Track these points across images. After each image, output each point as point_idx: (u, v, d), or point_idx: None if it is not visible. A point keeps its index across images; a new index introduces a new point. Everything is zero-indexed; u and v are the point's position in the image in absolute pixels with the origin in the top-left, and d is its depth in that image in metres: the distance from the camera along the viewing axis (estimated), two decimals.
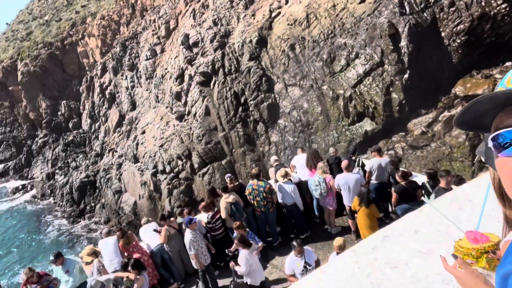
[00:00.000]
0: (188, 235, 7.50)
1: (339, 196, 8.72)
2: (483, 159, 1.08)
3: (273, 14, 23.99)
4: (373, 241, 1.82)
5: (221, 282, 8.24)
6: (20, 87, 52.25)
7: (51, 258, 7.56)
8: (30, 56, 52.93)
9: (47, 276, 7.63)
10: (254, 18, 25.14)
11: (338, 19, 21.02)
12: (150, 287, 7.48)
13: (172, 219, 8.95)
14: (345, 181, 8.20)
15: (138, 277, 6.74)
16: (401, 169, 8.49)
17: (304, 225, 9.13)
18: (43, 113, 51.79)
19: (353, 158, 9.58)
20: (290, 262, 6.45)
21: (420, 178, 8.45)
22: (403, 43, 18.25)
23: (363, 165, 9.40)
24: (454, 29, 17.85)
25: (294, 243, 6.40)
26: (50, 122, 50.79)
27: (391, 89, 18.33)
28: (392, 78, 18.29)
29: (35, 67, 51.82)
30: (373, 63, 18.85)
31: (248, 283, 6.80)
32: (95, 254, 7.61)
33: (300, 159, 9.83)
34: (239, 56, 24.13)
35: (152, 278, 8.16)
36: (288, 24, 22.82)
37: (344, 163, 8.34)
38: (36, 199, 39.09)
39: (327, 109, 20.27)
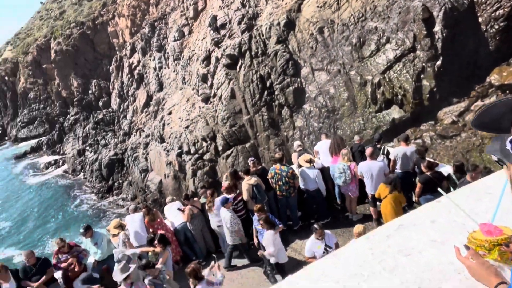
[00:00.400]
0: (226, 213, 7.75)
1: (361, 184, 8.67)
2: (494, 158, 1.10)
3: None
4: (388, 229, 1.85)
5: (240, 261, 8.47)
6: (53, 65, 54.02)
7: (81, 230, 7.95)
8: (63, 35, 54.39)
9: (77, 247, 8.06)
10: (282, 0, 24.72)
11: (369, 2, 20.37)
12: (173, 263, 7.79)
13: (195, 199, 9.19)
14: (368, 168, 8.13)
15: (163, 251, 7.03)
16: (427, 159, 8.32)
17: (326, 211, 9.16)
18: (74, 91, 53.51)
19: (378, 146, 9.44)
20: (311, 244, 6.55)
21: (446, 169, 8.25)
22: (437, 28, 17.53)
23: (388, 154, 9.26)
24: (493, 14, 16.95)
25: (316, 225, 6.48)
26: (81, 100, 52.45)
27: (422, 76, 17.75)
28: (423, 64, 17.68)
29: (67, 46, 53.29)
30: (405, 48, 18.26)
31: (274, 262, 7.00)
32: (121, 227, 7.95)
33: (324, 145, 9.78)
34: (266, 39, 23.91)
35: (175, 254, 8.48)
36: (318, 7, 22.32)
37: (369, 150, 8.25)
38: (67, 174, 40.85)
39: (354, 95, 19.91)
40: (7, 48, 64.59)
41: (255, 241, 7.65)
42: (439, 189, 1.86)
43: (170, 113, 31.30)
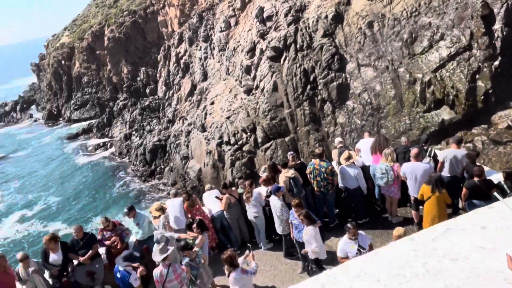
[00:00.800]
0: (277, 201, 7.86)
1: (403, 185, 8.38)
2: None
3: None
4: (434, 232, 1.79)
5: (274, 254, 8.53)
6: (106, 51, 56.64)
7: (125, 210, 8.35)
8: (116, 22, 56.76)
9: (120, 226, 8.47)
10: None
11: None
12: (209, 249, 8.01)
13: (233, 188, 9.33)
14: (412, 170, 7.83)
15: (200, 236, 7.25)
16: (478, 164, 7.87)
17: (364, 210, 8.97)
18: (124, 77, 55.87)
19: (425, 147, 9.05)
20: (343, 244, 6.44)
21: (497, 176, 7.77)
22: (497, 25, 16.39)
23: (435, 156, 8.85)
24: None
25: (349, 225, 6.36)
26: (130, 87, 54.70)
27: (477, 76, 16.73)
28: (480, 64, 16.64)
29: (120, 33, 55.58)
30: (460, 46, 17.27)
31: (314, 258, 6.98)
32: (162, 210, 8.27)
33: (366, 143, 9.54)
34: (312, 32, 23.56)
35: (211, 241, 8.69)
36: (368, 0, 21.61)
37: (414, 151, 7.93)
38: (114, 157, 42.93)
39: (402, 93, 19.18)
40: (65, 33, 68.46)
41: (292, 235, 7.65)
42: (495, 193, 1.76)
43: (212, 103, 31.85)
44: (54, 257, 7.49)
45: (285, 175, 8.53)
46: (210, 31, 39.23)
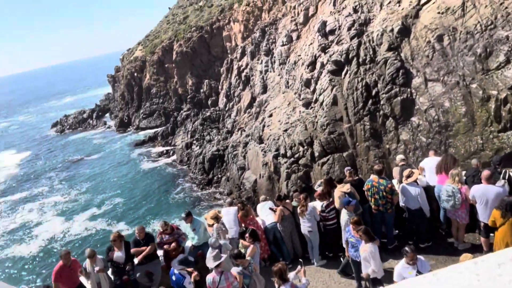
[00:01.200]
0: (345, 215, 7.79)
1: (472, 209, 7.74)
2: None
3: (422, 1, 21.91)
4: (500, 257, 1.64)
5: (327, 271, 8.30)
6: (174, 65, 60.12)
7: (183, 215, 8.70)
8: (184, 38, 60.12)
9: (177, 230, 8.82)
10: (399, 5, 23.40)
11: (501, 8, 18.04)
12: (260, 259, 8.02)
13: (287, 201, 9.31)
14: (483, 193, 7.21)
15: (252, 245, 7.31)
16: None
17: (427, 234, 8.41)
18: (189, 89, 58.75)
19: (499, 169, 8.30)
20: (401, 269, 6.06)
21: None
22: None
23: (510, 179, 8.08)
24: None
25: (407, 248, 5.99)
26: (193, 98, 57.33)
27: None
28: None
29: (187, 48, 58.75)
30: None
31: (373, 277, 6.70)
32: (217, 218, 8.48)
33: (431, 162, 9.01)
34: (376, 46, 22.94)
35: (263, 252, 8.71)
36: (439, 13, 20.58)
37: (486, 173, 7.30)
38: (175, 164, 44.97)
39: (473, 111, 17.84)
40: (138, 48, 73.92)
41: (347, 254, 7.40)
42: None
43: (271, 115, 32.19)
44: (119, 254, 8.00)
45: (340, 190, 8.32)
46: (272, 45, 39.93)
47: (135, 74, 67.29)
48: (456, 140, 18.35)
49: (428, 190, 8.39)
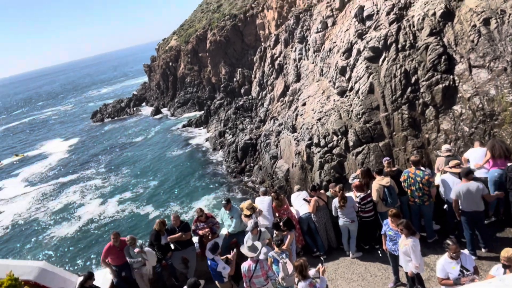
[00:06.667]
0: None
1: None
2: None
3: None
4: None
5: (362, 264, 8.15)
6: (207, 54, 60.58)
7: (223, 202, 8.81)
8: (217, 26, 60.28)
9: (212, 218, 8.94)
10: None
11: None
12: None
13: (322, 191, 9.15)
14: None
15: (289, 233, 7.30)
16: None
17: None
18: (222, 78, 59.11)
19: None
20: (444, 264, 5.79)
21: None
22: None
23: None
24: None
25: (449, 241, 5.69)
26: (226, 87, 57.66)
27: None
28: None
29: (220, 36, 58.91)
30: None
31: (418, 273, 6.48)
32: (253, 209, 8.50)
33: (477, 152, 8.54)
34: (417, 31, 21.89)
35: (297, 242, 8.66)
36: None
37: None
38: (209, 152, 45.68)
39: None
40: (173, 37, 74.99)
41: (384, 247, 7.19)
42: None
43: (304, 104, 31.76)
44: (163, 239, 8.31)
45: (379, 183, 8.07)
46: (306, 32, 39.16)
47: (170, 63, 68.48)
48: (502, 129, 17.31)
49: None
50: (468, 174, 7.32)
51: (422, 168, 8.09)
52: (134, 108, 76.24)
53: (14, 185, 47.82)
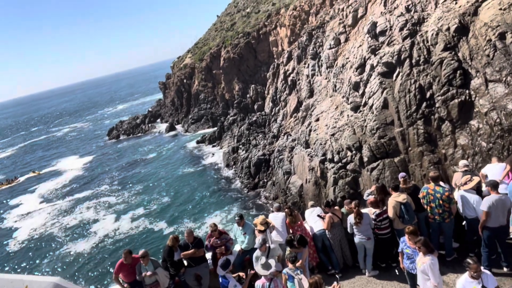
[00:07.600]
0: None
1: None
2: None
3: None
4: None
5: (379, 283, 7.92)
6: (221, 71, 61.42)
7: (236, 218, 8.73)
8: (231, 44, 61.24)
9: (225, 235, 8.87)
10: (456, 3, 22.09)
11: None
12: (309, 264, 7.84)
13: (336, 207, 9.00)
14: None
15: (304, 249, 7.19)
16: None
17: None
18: (235, 94, 59.67)
19: None
20: (464, 284, 5.58)
21: None
22: None
23: None
24: None
25: (469, 260, 5.50)
26: (240, 103, 58.12)
27: None
28: None
29: (234, 54, 59.78)
30: None
31: None
32: (267, 224, 8.40)
33: (495, 168, 8.33)
34: (431, 46, 21.80)
35: (311, 259, 8.49)
36: (500, 9, 19.13)
37: None
38: (222, 167, 45.74)
39: None
40: (188, 55, 76.46)
41: (402, 265, 7.00)
42: None
43: (317, 120, 31.71)
44: (176, 255, 8.26)
45: (395, 199, 7.90)
46: (319, 48, 39.43)
47: (185, 80, 69.60)
48: None
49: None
50: (497, 186, 7.12)
51: (441, 184, 7.89)
52: (149, 125, 77.33)
53: (30, 201, 48.65)
